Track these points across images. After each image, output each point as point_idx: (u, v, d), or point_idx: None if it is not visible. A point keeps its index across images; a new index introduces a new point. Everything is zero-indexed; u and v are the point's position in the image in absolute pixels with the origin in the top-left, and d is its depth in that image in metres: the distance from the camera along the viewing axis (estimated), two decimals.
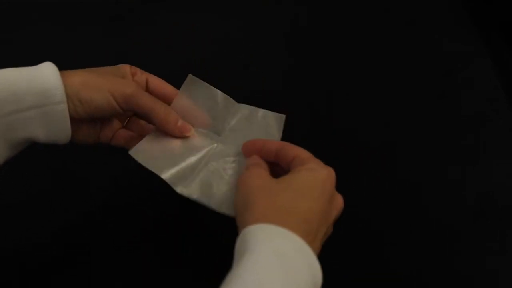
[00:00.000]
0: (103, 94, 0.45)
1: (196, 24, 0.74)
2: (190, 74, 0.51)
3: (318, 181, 0.41)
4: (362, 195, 0.57)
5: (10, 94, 0.41)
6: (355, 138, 0.63)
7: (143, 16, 0.75)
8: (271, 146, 0.45)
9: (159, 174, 0.47)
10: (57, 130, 0.44)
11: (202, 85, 0.51)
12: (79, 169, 0.60)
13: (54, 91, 0.42)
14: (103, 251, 0.55)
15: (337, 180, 0.43)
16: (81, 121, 0.46)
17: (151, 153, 0.48)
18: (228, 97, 0.52)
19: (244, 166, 0.46)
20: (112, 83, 0.45)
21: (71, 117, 0.44)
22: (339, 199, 0.43)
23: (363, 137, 0.63)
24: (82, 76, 0.45)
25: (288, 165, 0.44)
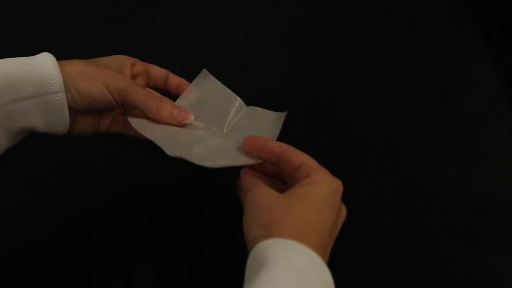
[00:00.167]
0: (100, 87, 0.45)
1: (196, 24, 0.74)
2: (204, 69, 0.53)
3: (329, 195, 0.41)
4: (362, 195, 0.57)
5: (8, 83, 0.41)
6: (355, 138, 0.63)
7: (143, 16, 0.75)
8: (273, 147, 0.45)
9: (157, 143, 0.45)
10: (55, 119, 0.44)
11: (213, 80, 0.53)
12: (79, 162, 0.60)
13: (52, 81, 0.42)
14: (103, 247, 0.55)
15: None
16: (79, 112, 0.46)
17: (152, 128, 0.48)
18: (236, 95, 0.54)
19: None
20: (106, 76, 0.46)
21: (70, 107, 0.44)
22: (344, 209, 0.43)
23: (363, 137, 0.63)
24: (78, 66, 0.45)
25: (292, 171, 0.43)
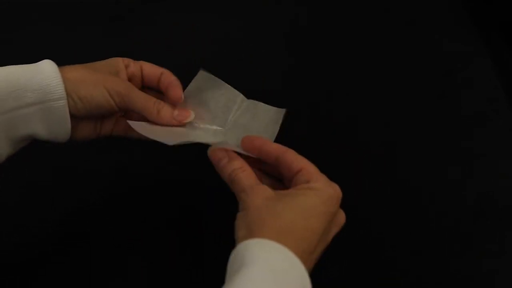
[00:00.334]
0: (102, 92, 0.45)
1: (196, 24, 0.74)
2: (201, 69, 0.53)
3: (322, 203, 0.40)
4: (362, 195, 0.57)
5: (11, 90, 0.41)
6: (355, 138, 0.63)
7: (143, 16, 0.75)
8: (271, 149, 0.44)
9: (158, 139, 0.45)
10: (57, 126, 0.44)
11: (211, 78, 0.53)
12: (79, 163, 0.60)
13: (54, 88, 0.42)
14: (103, 247, 0.55)
15: (337, 180, 0.43)
16: (80, 118, 0.46)
17: (152, 128, 0.48)
18: (235, 91, 0.54)
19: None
20: (107, 81, 0.46)
21: (71, 114, 0.44)
22: (341, 217, 0.43)
23: (363, 137, 0.63)
24: (79, 72, 0.45)
25: (290, 176, 0.43)
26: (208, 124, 0.52)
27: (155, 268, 0.54)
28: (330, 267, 0.38)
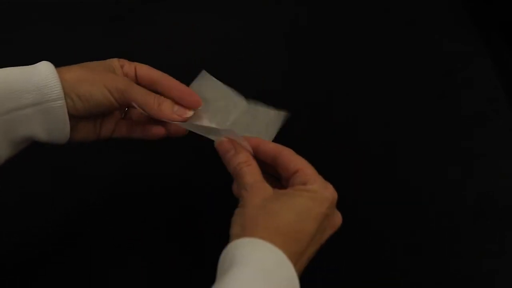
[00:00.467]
0: (101, 89, 0.45)
1: (196, 24, 0.74)
2: (203, 70, 0.53)
3: (317, 205, 0.40)
4: (362, 195, 0.57)
5: (8, 92, 0.41)
6: (355, 138, 0.63)
7: (143, 16, 0.75)
8: (268, 148, 0.44)
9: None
10: (56, 127, 0.44)
11: (212, 80, 0.53)
12: (79, 163, 0.60)
13: (51, 88, 0.42)
14: (103, 247, 0.55)
15: (336, 180, 0.43)
16: (79, 118, 0.46)
17: None
18: (236, 93, 0.54)
19: None
20: (106, 78, 0.45)
21: (70, 114, 0.44)
22: (337, 218, 0.43)
23: (363, 137, 0.63)
24: (76, 71, 0.45)
25: (288, 176, 0.43)
26: (207, 124, 0.52)
27: (155, 268, 0.54)
28: (329, 267, 0.38)
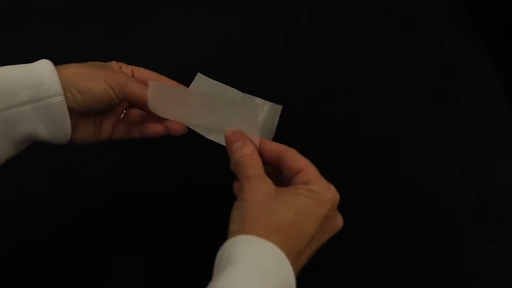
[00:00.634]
0: (101, 83, 0.45)
1: (196, 24, 0.74)
2: (199, 73, 0.53)
3: (318, 206, 0.40)
4: (362, 195, 0.57)
5: (5, 89, 0.41)
6: (355, 138, 0.63)
7: (143, 16, 0.75)
8: (272, 148, 0.44)
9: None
10: (57, 124, 0.44)
11: (208, 80, 0.53)
12: (79, 163, 0.60)
13: (49, 84, 0.42)
14: (103, 247, 0.55)
15: (336, 180, 0.43)
16: (80, 115, 0.46)
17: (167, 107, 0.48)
18: (232, 88, 0.54)
19: None
20: (106, 73, 0.46)
21: (70, 109, 0.44)
22: (339, 221, 0.43)
23: (363, 137, 0.63)
24: (75, 68, 0.45)
25: (290, 175, 0.43)
26: (207, 121, 0.52)
27: (155, 268, 0.54)
28: (329, 267, 0.38)
